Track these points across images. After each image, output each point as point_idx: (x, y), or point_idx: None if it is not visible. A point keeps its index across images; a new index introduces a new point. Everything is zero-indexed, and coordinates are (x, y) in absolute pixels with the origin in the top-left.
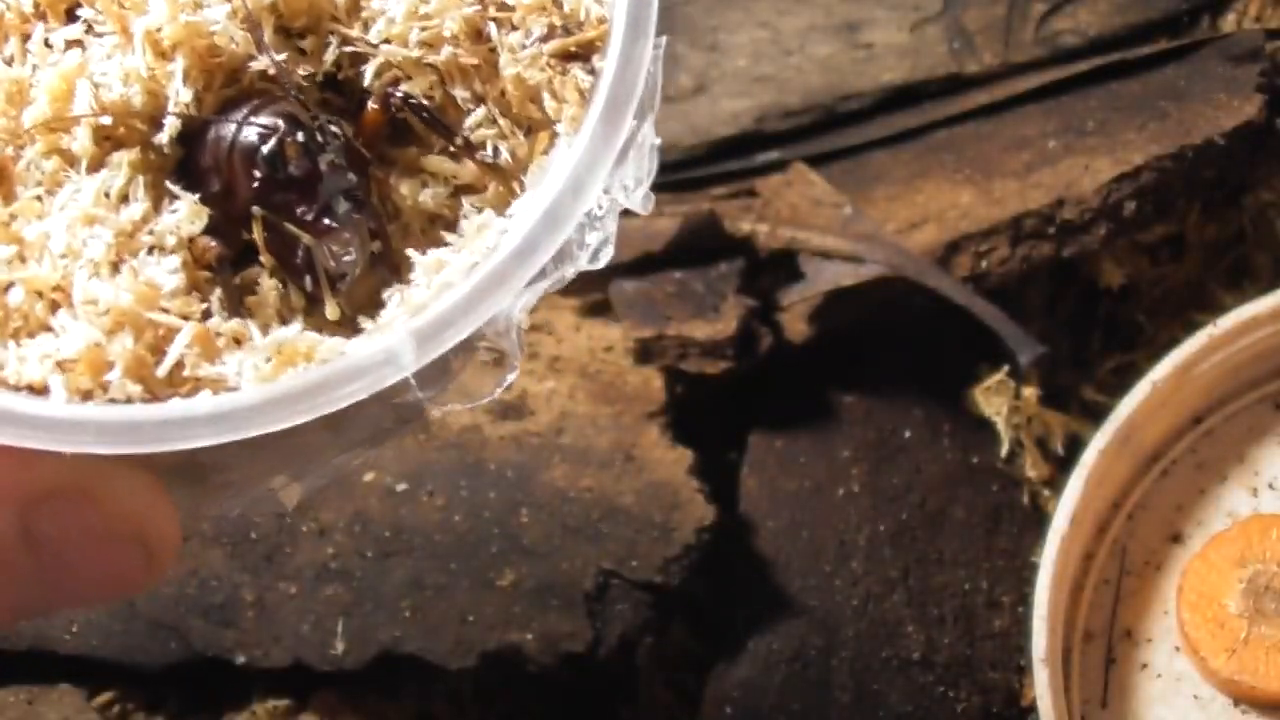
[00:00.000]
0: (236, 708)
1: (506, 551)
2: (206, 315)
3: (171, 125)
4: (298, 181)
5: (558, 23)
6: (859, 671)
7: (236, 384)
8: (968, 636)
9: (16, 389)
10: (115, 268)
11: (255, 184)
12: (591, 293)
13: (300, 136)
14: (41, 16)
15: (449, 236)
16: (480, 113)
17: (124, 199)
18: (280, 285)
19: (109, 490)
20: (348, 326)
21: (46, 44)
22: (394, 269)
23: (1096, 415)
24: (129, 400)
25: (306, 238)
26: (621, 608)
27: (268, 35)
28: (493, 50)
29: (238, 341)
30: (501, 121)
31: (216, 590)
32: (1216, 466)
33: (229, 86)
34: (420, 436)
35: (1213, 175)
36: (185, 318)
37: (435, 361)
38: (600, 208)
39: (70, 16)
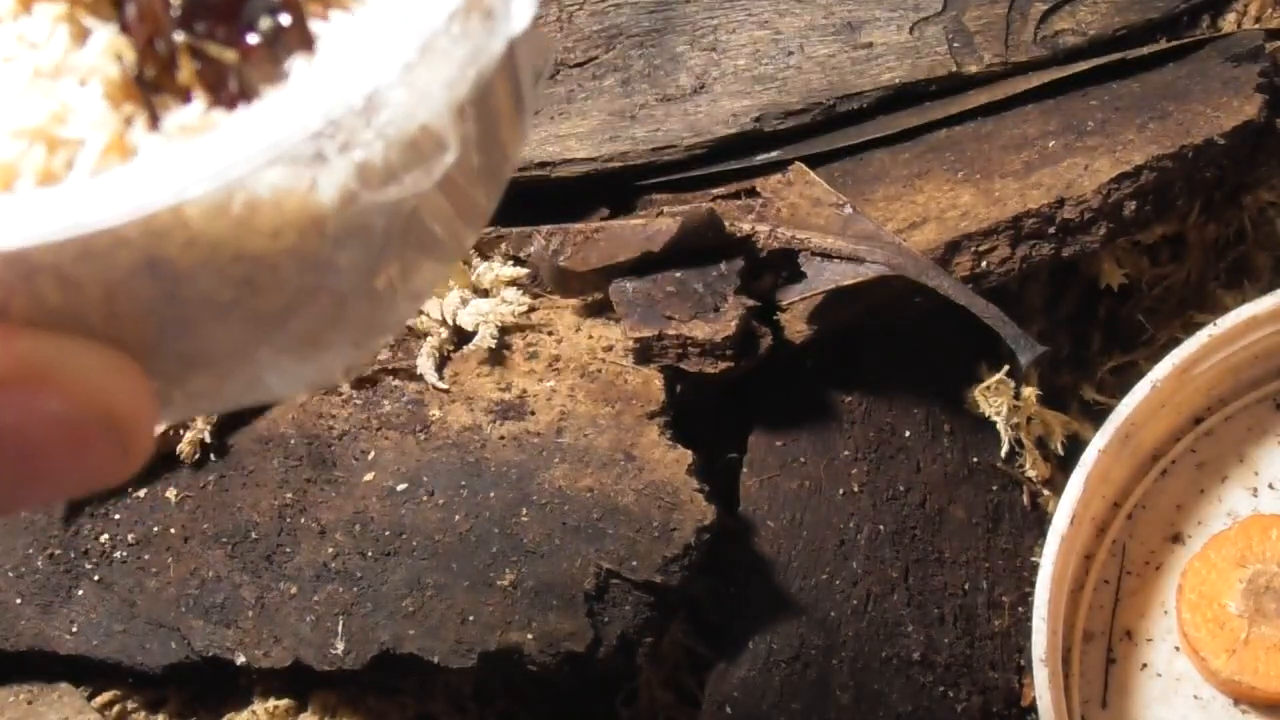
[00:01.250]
0: (236, 708)
1: (506, 551)
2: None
3: None
4: (217, 5)
5: None
6: (859, 671)
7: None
8: (968, 636)
9: None
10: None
11: (176, 14)
12: (591, 293)
13: None
14: None
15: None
16: None
17: (47, 44)
18: (206, 106)
19: (69, 370)
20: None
21: None
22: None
23: (1096, 415)
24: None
25: (230, 54)
26: (621, 608)
27: None
28: None
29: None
30: None
31: (216, 590)
32: (1216, 466)
33: None
34: (420, 436)
35: (1213, 175)
36: (99, 127)
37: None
38: None
39: None
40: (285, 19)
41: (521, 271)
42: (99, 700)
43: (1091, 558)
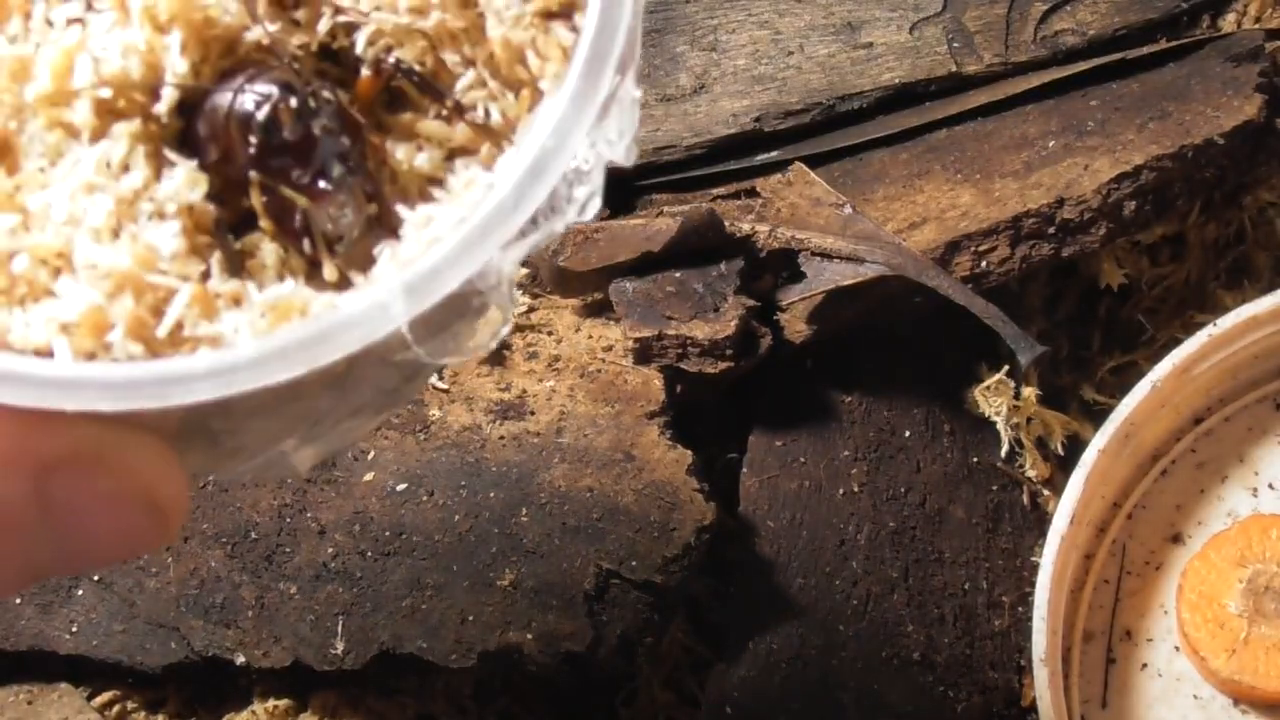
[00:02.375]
0: (236, 708)
1: (506, 551)
2: (206, 277)
3: (169, 96)
4: (293, 146)
5: None
6: (859, 671)
7: (234, 342)
8: (968, 636)
9: (23, 353)
10: (115, 234)
11: (252, 150)
12: (591, 293)
13: (294, 102)
14: None
15: (437, 193)
16: (470, 76)
17: (124, 168)
18: (281, 250)
19: (120, 455)
20: (346, 287)
21: (48, 22)
22: (391, 230)
23: (1096, 415)
24: (131, 360)
25: (303, 200)
26: (621, 608)
27: (261, 6)
28: (479, 14)
29: (236, 302)
30: (491, 83)
31: (216, 590)
32: (1216, 466)
33: (225, 58)
34: (420, 436)
35: (1213, 175)
36: (185, 279)
37: (428, 315)
38: (586, 161)
39: None
40: (351, 168)
41: (521, 271)
42: (99, 700)
43: (1091, 558)
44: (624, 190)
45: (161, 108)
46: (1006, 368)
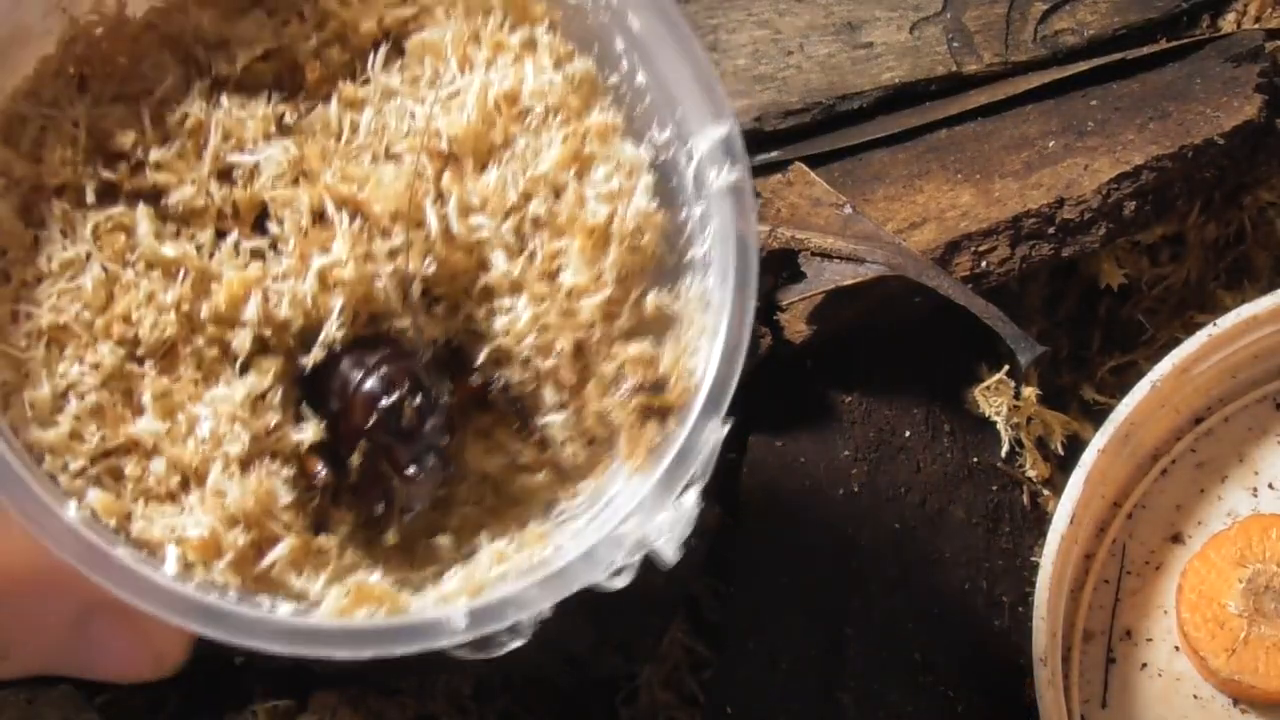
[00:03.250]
0: (236, 708)
1: None
2: (307, 530)
3: (316, 355)
4: (404, 432)
5: (649, 379)
6: (860, 671)
7: (314, 602)
8: (968, 637)
9: (137, 543)
10: (245, 466)
11: (370, 423)
12: None
13: (418, 400)
14: (235, 216)
15: (508, 533)
16: (560, 419)
17: (264, 403)
18: (355, 514)
19: (146, 614)
20: (400, 551)
21: (236, 248)
22: (445, 513)
23: (1096, 415)
24: (226, 587)
25: (397, 481)
26: (621, 608)
27: (415, 298)
28: (586, 368)
29: (320, 553)
30: (574, 432)
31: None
32: (1216, 466)
33: (368, 327)
34: None
35: (1212, 175)
36: (288, 529)
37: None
38: (639, 550)
39: (259, 227)
40: (443, 462)
41: None
42: (99, 700)
43: (1091, 557)
44: None
45: (307, 360)
46: (1006, 368)
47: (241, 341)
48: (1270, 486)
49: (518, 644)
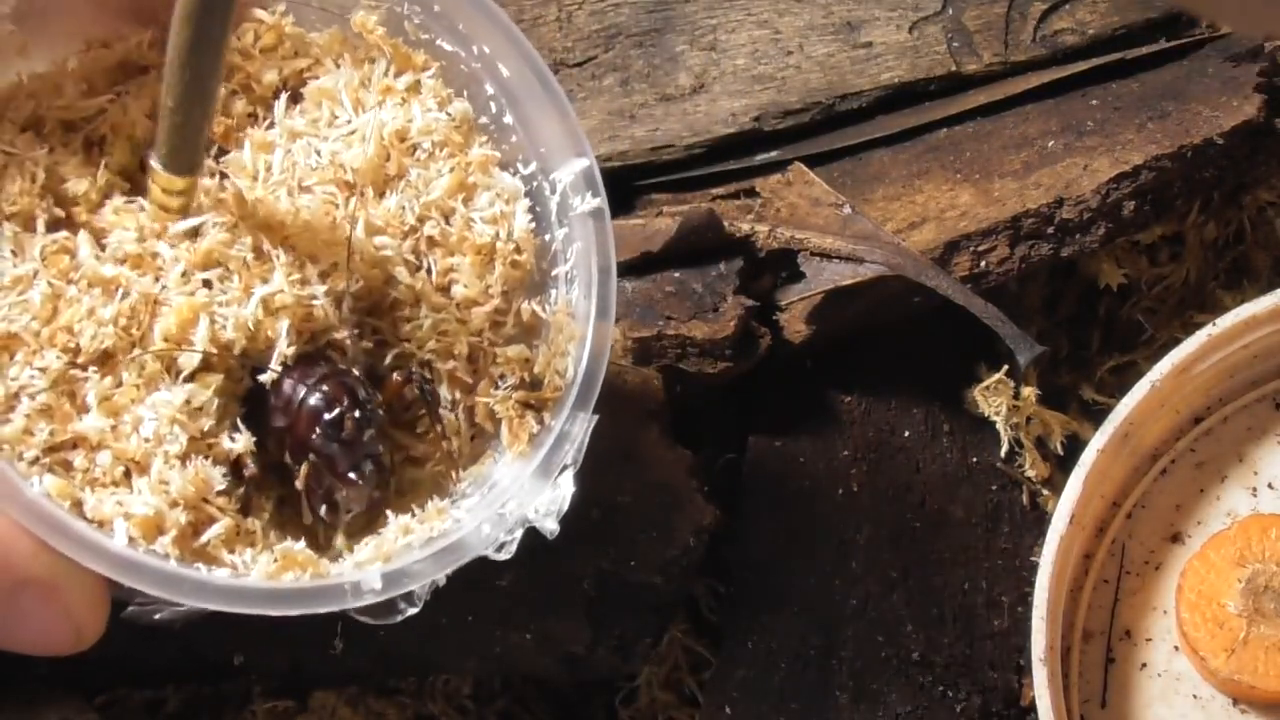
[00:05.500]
0: (236, 708)
1: None
2: (239, 513)
3: (267, 377)
4: (345, 442)
5: (527, 377)
6: (859, 671)
7: (245, 570)
8: (967, 636)
9: (90, 521)
10: (184, 462)
11: (314, 436)
12: None
13: (357, 413)
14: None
15: (415, 508)
16: (453, 414)
17: (201, 411)
18: (310, 512)
19: (69, 589)
20: (313, 531)
21: (184, 275)
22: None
23: (1096, 415)
24: (167, 557)
25: (340, 486)
26: (621, 608)
27: (348, 313)
28: (476, 370)
29: (249, 533)
30: (461, 425)
31: None
32: (1216, 466)
33: (309, 344)
34: None
35: (1212, 175)
36: (222, 512)
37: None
38: (520, 525)
39: (209, 260)
40: (380, 468)
41: None
42: (99, 700)
43: (1091, 557)
44: (623, 190)
45: (262, 377)
46: (1006, 368)
47: (189, 359)
48: (1270, 486)
49: (412, 612)
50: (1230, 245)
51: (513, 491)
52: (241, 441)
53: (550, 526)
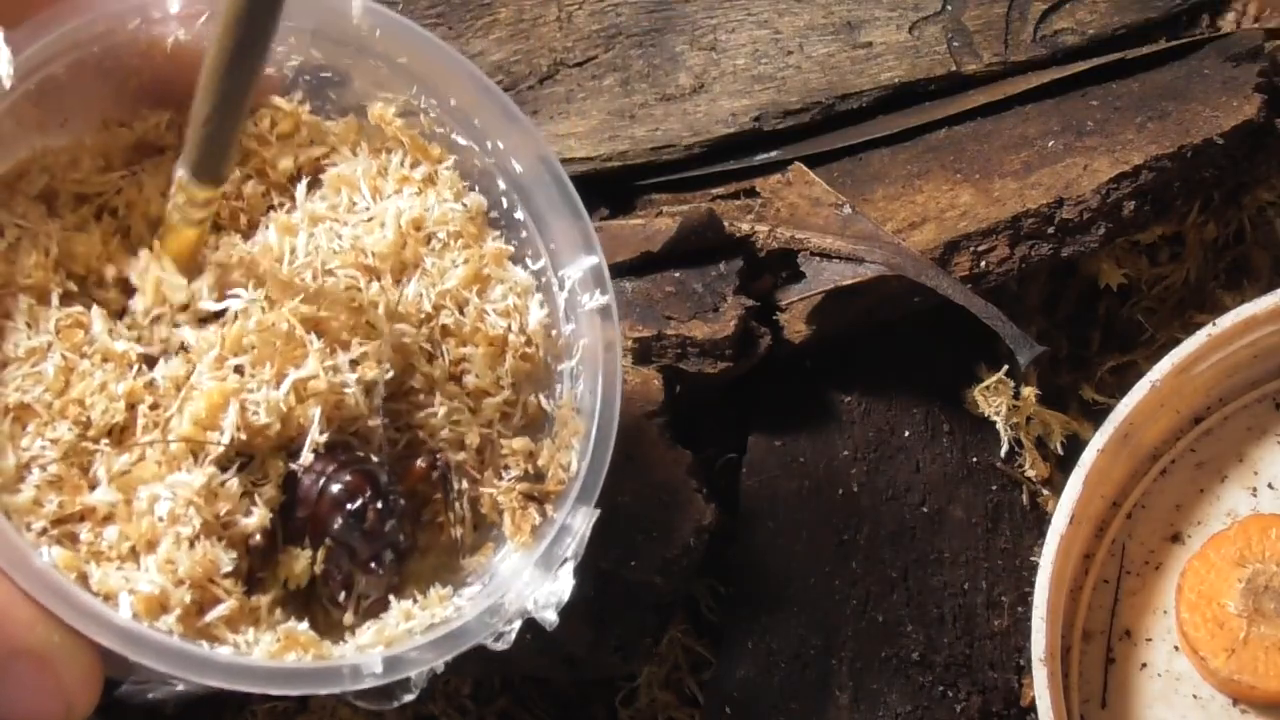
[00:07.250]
0: (236, 708)
1: None
2: (245, 593)
3: (305, 459)
4: (367, 533)
5: (531, 470)
6: (859, 671)
7: (247, 649)
8: (967, 636)
9: (95, 594)
10: (193, 545)
11: (335, 524)
12: None
13: (380, 505)
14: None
15: (417, 594)
16: (457, 505)
17: (218, 496)
18: (328, 598)
19: (64, 663)
20: (318, 613)
21: (218, 361)
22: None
23: (1096, 415)
24: (170, 634)
25: (359, 574)
26: (621, 608)
27: (379, 404)
28: (484, 460)
29: (253, 611)
30: (466, 515)
31: None
32: (1216, 466)
33: (337, 433)
34: None
35: (1212, 175)
36: (229, 593)
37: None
38: (521, 616)
39: (239, 346)
40: (399, 557)
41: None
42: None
43: (1091, 557)
44: (623, 190)
45: (295, 464)
46: (1006, 368)
47: (219, 442)
48: (1270, 486)
49: (409, 699)
50: (1230, 245)
51: (513, 582)
52: (257, 515)
53: (549, 618)
